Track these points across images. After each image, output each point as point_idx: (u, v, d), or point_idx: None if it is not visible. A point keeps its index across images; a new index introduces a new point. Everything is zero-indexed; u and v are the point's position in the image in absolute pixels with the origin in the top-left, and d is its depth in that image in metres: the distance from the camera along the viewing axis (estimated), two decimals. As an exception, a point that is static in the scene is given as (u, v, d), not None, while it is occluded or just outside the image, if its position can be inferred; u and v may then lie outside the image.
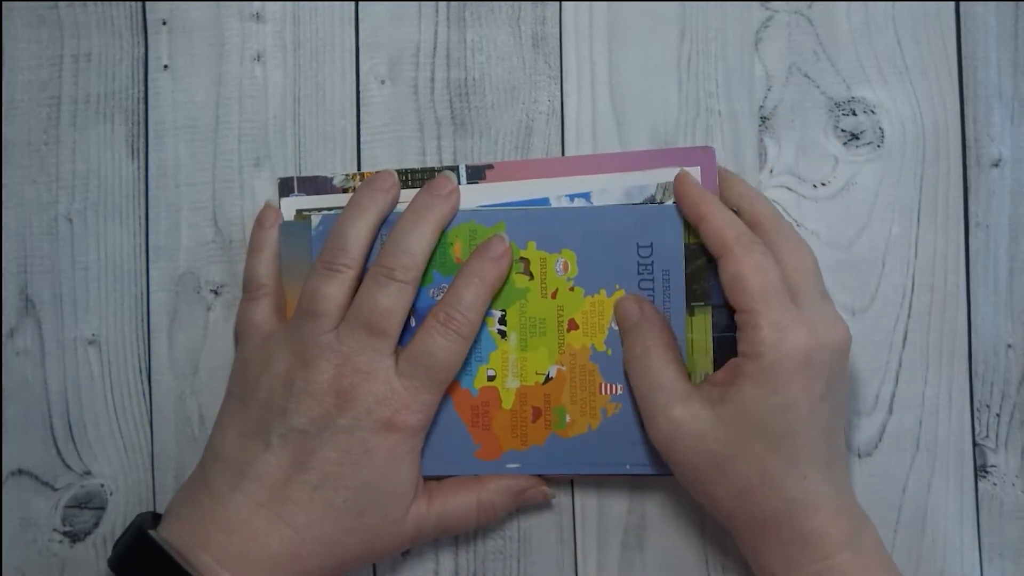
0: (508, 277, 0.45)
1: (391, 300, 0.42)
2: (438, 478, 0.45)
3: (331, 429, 0.41)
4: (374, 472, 0.42)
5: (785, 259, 0.42)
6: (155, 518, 0.43)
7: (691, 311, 0.45)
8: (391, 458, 0.42)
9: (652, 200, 0.46)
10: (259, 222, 0.47)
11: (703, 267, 0.44)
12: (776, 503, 0.41)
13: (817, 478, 0.41)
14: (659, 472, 0.45)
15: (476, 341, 0.45)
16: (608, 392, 0.45)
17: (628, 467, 0.45)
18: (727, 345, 0.44)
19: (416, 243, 0.43)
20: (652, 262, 0.45)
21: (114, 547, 0.42)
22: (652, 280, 0.45)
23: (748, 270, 0.41)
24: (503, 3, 0.48)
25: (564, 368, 0.45)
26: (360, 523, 0.42)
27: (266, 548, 0.40)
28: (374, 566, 0.48)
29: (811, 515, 0.40)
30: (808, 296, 0.42)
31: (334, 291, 0.43)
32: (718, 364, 0.44)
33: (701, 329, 0.45)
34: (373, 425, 0.42)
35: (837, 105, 0.48)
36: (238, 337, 0.46)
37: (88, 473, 0.48)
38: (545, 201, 0.47)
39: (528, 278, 0.45)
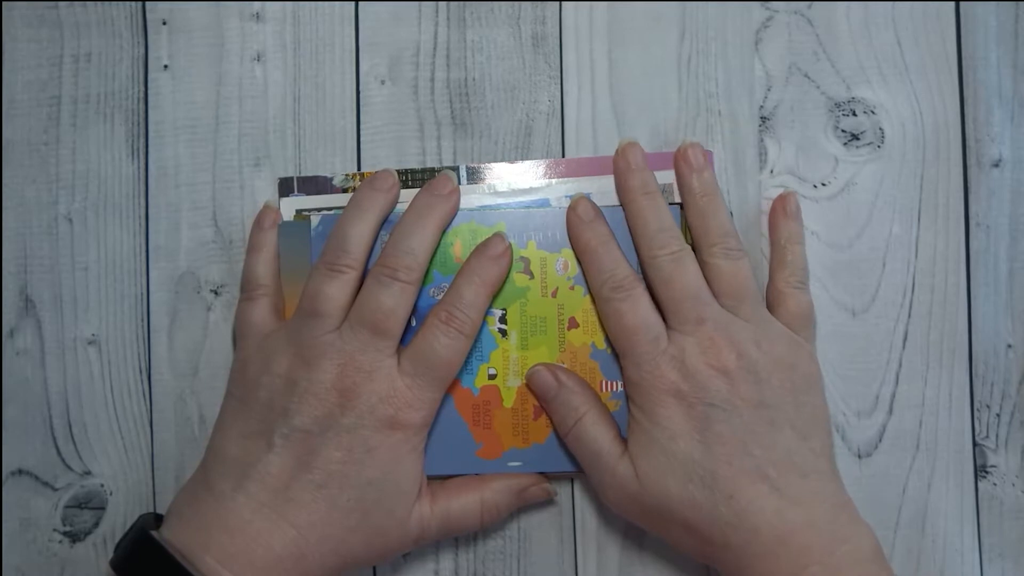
0: (509, 276, 0.45)
1: (394, 300, 0.43)
2: (440, 478, 0.45)
3: (334, 428, 0.41)
4: (378, 471, 0.42)
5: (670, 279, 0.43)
6: (157, 519, 0.43)
7: (691, 310, 0.45)
8: (394, 456, 0.42)
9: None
10: (258, 223, 0.47)
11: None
12: (715, 532, 0.41)
13: (748, 496, 0.40)
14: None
15: (477, 340, 0.45)
16: (608, 389, 0.45)
17: (628, 466, 0.45)
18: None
19: (418, 244, 0.44)
20: None
21: (116, 548, 0.42)
22: (652, 279, 0.45)
23: (614, 314, 0.43)
24: (503, 3, 0.48)
25: (565, 366, 0.45)
26: (364, 522, 0.42)
27: (269, 548, 0.40)
28: (374, 567, 0.48)
29: (752, 537, 0.40)
30: (687, 321, 0.42)
31: (336, 291, 0.43)
32: None
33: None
34: (376, 424, 0.42)
35: (837, 105, 0.48)
36: (236, 338, 0.46)
37: (88, 473, 0.48)
38: (545, 202, 0.47)
39: (528, 277, 0.45)
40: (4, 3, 0.49)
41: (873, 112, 0.48)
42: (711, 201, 0.44)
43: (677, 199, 0.46)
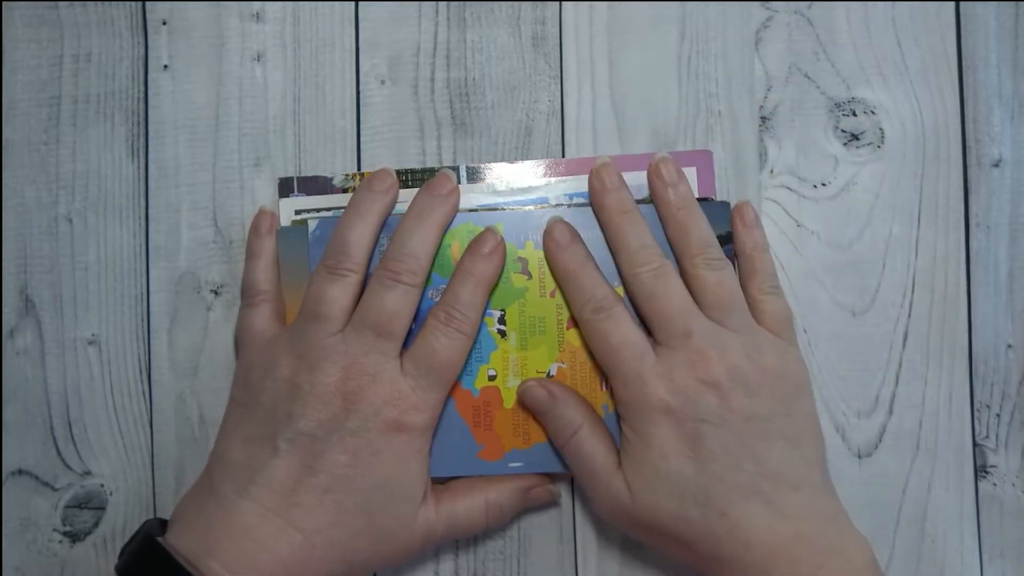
0: (507, 277, 0.45)
1: (398, 302, 0.43)
2: (442, 480, 0.45)
3: (339, 432, 0.41)
4: (383, 473, 0.42)
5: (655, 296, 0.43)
6: (162, 525, 0.43)
7: (689, 308, 0.45)
8: (399, 459, 0.42)
9: (648, 199, 0.46)
10: (255, 228, 0.47)
11: None
12: (707, 547, 0.41)
13: (741, 512, 0.40)
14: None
15: (476, 341, 0.45)
16: (608, 389, 0.45)
17: (628, 466, 0.45)
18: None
19: (420, 246, 0.43)
20: None
21: (121, 554, 0.42)
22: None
23: (597, 335, 0.43)
24: (503, 3, 0.48)
25: (564, 366, 0.45)
26: (370, 526, 0.42)
27: (275, 554, 0.40)
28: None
29: (744, 552, 0.40)
30: (674, 335, 0.42)
31: (339, 294, 0.43)
32: None
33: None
34: (381, 427, 0.42)
35: (837, 105, 0.48)
36: (239, 344, 0.46)
37: (88, 473, 0.48)
38: (545, 201, 0.47)
39: (527, 277, 0.45)
40: (4, 3, 0.49)
41: (873, 112, 0.48)
42: (689, 213, 0.44)
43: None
